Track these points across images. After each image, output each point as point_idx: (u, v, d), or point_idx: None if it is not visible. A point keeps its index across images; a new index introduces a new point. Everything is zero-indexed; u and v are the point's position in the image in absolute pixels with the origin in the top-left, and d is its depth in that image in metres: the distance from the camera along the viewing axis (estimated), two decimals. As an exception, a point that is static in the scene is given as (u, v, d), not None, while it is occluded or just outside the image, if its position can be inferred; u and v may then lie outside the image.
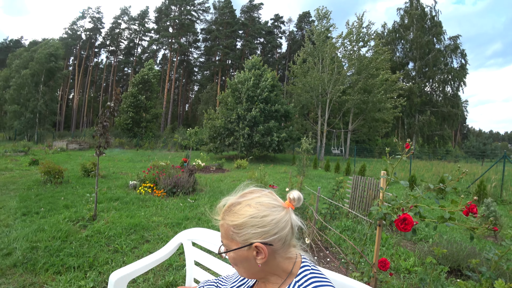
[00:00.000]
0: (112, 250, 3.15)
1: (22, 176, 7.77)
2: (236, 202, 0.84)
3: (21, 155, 13.40)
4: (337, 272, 2.85)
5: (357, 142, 31.16)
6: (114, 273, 1.44)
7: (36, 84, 26.63)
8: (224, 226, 0.82)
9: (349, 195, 5.34)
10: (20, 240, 3.15)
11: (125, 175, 9.05)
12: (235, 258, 0.82)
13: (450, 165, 16.54)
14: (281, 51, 54.25)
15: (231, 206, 0.83)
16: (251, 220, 0.78)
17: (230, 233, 0.80)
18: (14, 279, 2.41)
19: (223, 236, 0.83)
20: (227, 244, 0.83)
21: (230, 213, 0.82)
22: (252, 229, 0.78)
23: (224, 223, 0.82)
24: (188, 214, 4.83)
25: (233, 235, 0.80)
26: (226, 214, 0.83)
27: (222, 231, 0.83)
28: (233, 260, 0.83)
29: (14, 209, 4.47)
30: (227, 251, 0.83)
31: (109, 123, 3.99)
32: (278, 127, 18.06)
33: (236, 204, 0.83)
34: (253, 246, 0.78)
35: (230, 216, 0.81)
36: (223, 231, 0.83)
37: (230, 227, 0.80)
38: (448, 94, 28.47)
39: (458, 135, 59.45)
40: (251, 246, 0.78)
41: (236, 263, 0.84)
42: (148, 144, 25.33)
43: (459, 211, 1.37)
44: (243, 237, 0.78)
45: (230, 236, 0.80)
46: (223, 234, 0.83)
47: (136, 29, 53.61)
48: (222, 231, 0.84)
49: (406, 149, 1.64)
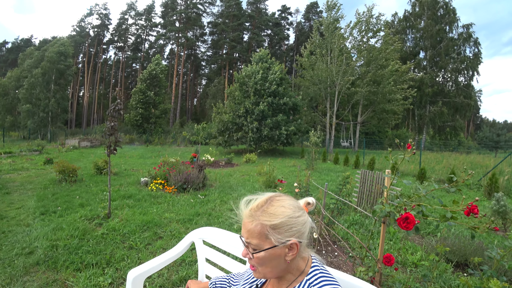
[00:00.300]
0: (127, 247, 3.28)
1: (38, 175, 8.04)
2: (268, 203, 0.88)
3: (36, 154, 13.79)
4: (344, 266, 2.92)
5: (367, 134, 30.83)
6: (131, 271, 1.55)
7: (47, 83, 27.14)
8: (257, 226, 0.84)
9: (357, 189, 5.37)
10: (40, 239, 3.32)
11: (136, 171, 9.24)
12: (264, 257, 0.84)
13: (462, 157, 16.21)
14: (288, 43, 53.66)
15: (263, 207, 0.87)
16: (288, 220, 0.84)
17: (265, 233, 0.83)
18: (38, 277, 2.56)
19: (254, 236, 0.85)
20: (257, 244, 0.84)
21: (265, 213, 0.85)
22: (287, 229, 0.84)
23: (258, 224, 0.84)
24: (199, 210, 4.94)
25: (269, 234, 0.83)
26: (260, 214, 0.86)
27: (254, 231, 0.85)
28: (261, 260, 0.85)
29: (32, 208, 4.66)
30: (260, 250, 0.84)
31: (117, 123, 4.09)
32: (286, 120, 18.01)
33: (269, 206, 0.87)
34: (289, 244, 0.83)
35: (266, 216, 0.85)
36: (256, 230, 0.84)
37: (266, 227, 0.83)
38: (461, 84, 27.70)
39: (471, 126, 58.08)
40: (286, 244, 0.83)
41: (264, 263, 0.85)
42: (157, 140, 25.64)
43: (460, 210, 1.41)
44: (279, 236, 0.83)
45: (265, 235, 0.83)
46: (255, 234, 0.84)
47: (143, 24, 53.78)
48: (252, 231, 0.85)
49: (408, 149, 1.67)
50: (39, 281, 2.49)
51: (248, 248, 0.88)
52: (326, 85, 21.93)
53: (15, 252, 2.99)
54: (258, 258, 0.85)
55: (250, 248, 0.87)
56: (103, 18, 52.47)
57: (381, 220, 1.89)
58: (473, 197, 6.94)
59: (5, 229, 3.71)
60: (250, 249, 0.87)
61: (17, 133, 30.25)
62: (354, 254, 3.19)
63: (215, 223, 4.31)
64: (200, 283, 1.47)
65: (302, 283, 0.88)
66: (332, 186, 7.41)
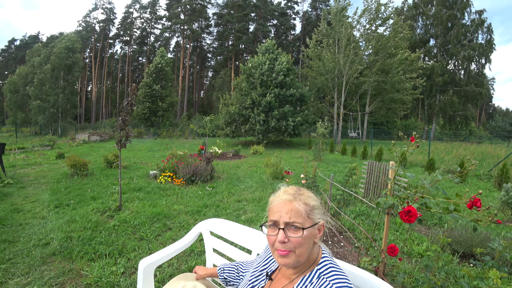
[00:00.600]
0: (138, 238, 3.39)
1: (50, 170, 8.25)
2: (299, 190, 1.00)
3: (48, 149, 14.10)
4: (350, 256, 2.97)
5: (375, 125, 30.44)
6: (142, 260, 1.63)
7: (56, 78, 27.49)
8: (301, 206, 0.94)
9: (364, 181, 5.38)
10: (55, 230, 3.45)
11: (145, 165, 9.39)
12: (306, 236, 0.92)
13: (473, 147, 15.89)
14: (295, 33, 52.91)
15: (299, 192, 0.99)
16: (318, 204, 0.99)
17: (308, 212, 0.94)
18: (54, 266, 2.68)
19: (299, 215, 0.92)
20: (302, 223, 0.92)
21: (304, 196, 0.97)
22: (319, 211, 0.98)
23: (301, 204, 0.94)
24: (207, 201, 5.03)
25: (310, 214, 0.94)
26: (301, 197, 0.97)
27: (300, 210, 0.93)
28: (303, 239, 0.91)
29: (47, 202, 4.82)
30: (306, 228, 0.92)
31: (128, 118, 4.17)
32: (293, 111, 17.91)
33: (303, 191, 1.00)
34: (320, 224, 0.97)
35: (306, 198, 0.97)
36: (301, 209, 0.93)
37: (309, 206, 0.95)
38: (472, 72, 26.93)
39: (483, 115, 56.68)
40: (319, 224, 0.96)
41: (303, 243, 0.91)
42: (165, 133, 25.86)
43: (463, 203, 1.43)
44: (316, 216, 0.96)
45: (307, 214, 0.94)
46: (299, 213, 0.93)
47: (148, 17, 53.73)
48: (299, 210, 0.93)
49: (411, 142, 1.68)
50: (56, 270, 2.61)
51: (288, 230, 0.93)
52: (333, 75, 21.64)
53: (33, 244, 3.13)
54: (301, 238, 0.91)
55: (291, 230, 0.92)
56: (108, 13, 52.59)
57: (385, 211, 1.92)
58: (482, 188, 6.88)
59: (22, 222, 3.86)
60: (292, 230, 0.92)
61: (29, 129, 30.88)
62: (360, 244, 3.23)
63: (223, 215, 4.39)
64: (207, 269, 1.54)
65: (313, 272, 0.95)
66: (339, 177, 7.42)
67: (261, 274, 1.13)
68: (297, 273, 0.99)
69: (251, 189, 6.13)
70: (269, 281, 1.08)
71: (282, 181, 6.52)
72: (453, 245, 3.07)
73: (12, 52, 56.29)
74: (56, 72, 27.22)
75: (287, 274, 1.02)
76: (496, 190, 6.47)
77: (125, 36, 53.79)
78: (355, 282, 1.15)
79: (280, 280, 1.04)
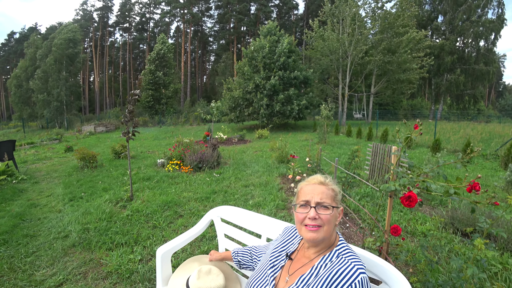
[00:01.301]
0: (151, 226, 3.54)
1: (61, 163, 8.45)
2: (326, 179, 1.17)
3: (56, 142, 14.35)
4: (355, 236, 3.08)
5: (381, 105, 30.01)
6: (160, 248, 1.75)
7: (59, 71, 27.49)
8: (330, 190, 1.13)
9: (369, 162, 5.43)
10: (73, 223, 3.62)
11: (153, 153, 9.55)
12: (332, 215, 1.08)
13: (481, 127, 15.63)
14: (298, 12, 51.57)
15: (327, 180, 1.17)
16: (339, 192, 1.18)
17: (334, 195, 1.13)
18: (76, 257, 2.85)
19: (328, 197, 1.10)
20: (330, 203, 1.09)
21: (331, 183, 1.16)
22: (339, 198, 1.16)
23: (330, 189, 1.13)
24: (215, 188, 5.16)
25: (336, 197, 1.13)
26: (329, 184, 1.15)
27: (329, 193, 1.11)
28: (331, 217, 1.08)
29: (61, 195, 5.00)
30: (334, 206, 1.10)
31: (135, 110, 4.24)
32: (298, 94, 17.77)
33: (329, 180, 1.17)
34: (340, 208, 1.15)
35: (333, 185, 1.16)
36: (330, 193, 1.12)
37: (334, 193, 1.13)
38: (482, 49, 25.93)
39: (492, 93, 55.15)
40: (340, 208, 1.14)
41: (330, 221, 1.08)
42: (170, 120, 25.96)
43: (463, 187, 1.50)
44: (339, 201, 1.14)
45: (334, 197, 1.12)
46: (329, 195, 1.11)
47: (146, 2, 52.75)
48: (327, 193, 1.11)
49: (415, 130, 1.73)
50: (77, 260, 2.77)
51: (318, 209, 1.09)
52: (338, 56, 21.22)
53: (53, 237, 3.30)
54: (330, 215, 1.08)
55: (321, 208, 1.09)
56: (105, 0, 51.69)
57: (388, 194, 1.99)
58: (489, 168, 6.88)
59: (40, 216, 4.04)
60: (322, 208, 1.09)
61: (35, 123, 31.22)
62: (365, 225, 3.33)
63: (231, 200, 4.51)
64: (221, 253, 1.65)
65: (333, 252, 1.08)
66: (344, 159, 7.48)
67: (280, 254, 1.23)
68: (317, 252, 1.11)
69: (258, 173, 6.24)
70: (289, 261, 1.18)
71: (287, 165, 6.61)
72: (456, 224, 3.16)
73: (12, 46, 56.16)
74: (58, 64, 27.20)
75: (308, 254, 1.14)
76: (502, 170, 6.47)
77: (125, 23, 53.08)
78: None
79: (300, 259, 1.15)
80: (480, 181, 5.47)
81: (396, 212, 3.78)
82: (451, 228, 3.20)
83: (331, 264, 1.03)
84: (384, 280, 1.18)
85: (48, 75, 26.99)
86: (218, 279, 1.46)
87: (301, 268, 1.10)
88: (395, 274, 1.14)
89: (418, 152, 9.10)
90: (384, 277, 1.18)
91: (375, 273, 1.21)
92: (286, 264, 1.18)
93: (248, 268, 1.53)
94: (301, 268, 1.10)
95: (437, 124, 13.75)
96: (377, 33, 20.83)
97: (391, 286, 1.14)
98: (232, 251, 1.59)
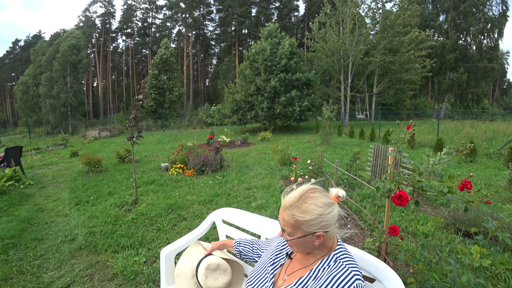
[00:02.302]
0: (155, 229, 3.61)
1: (66, 168, 8.58)
2: (302, 200, 1.05)
3: (61, 148, 14.54)
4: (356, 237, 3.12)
5: (383, 105, 29.89)
6: (163, 249, 1.81)
7: (64, 77, 27.83)
8: (291, 220, 1.03)
9: (371, 164, 5.46)
10: (79, 226, 3.70)
11: (156, 157, 9.64)
12: (296, 242, 1.06)
13: (485, 125, 15.43)
14: (298, 14, 51.69)
15: (297, 203, 1.04)
16: (318, 217, 1.02)
17: (298, 225, 1.02)
18: (82, 260, 2.93)
19: (288, 225, 1.04)
20: (291, 232, 1.05)
21: (300, 210, 1.02)
22: (317, 223, 1.02)
23: (293, 217, 1.02)
24: (218, 191, 5.22)
25: (301, 226, 1.02)
26: (295, 209, 1.03)
27: (289, 222, 1.04)
28: (294, 243, 1.07)
29: (67, 200, 5.10)
30: (293, 238, 1.05)
31: (139, 115, 4.32)
32: (300, 96, 17.81)
33: (303, 202, 1.04)
34: (316, 234, 1.03)
35: (299, 212, 1.02)
36: (291, 222, 1.03)
37: (300, 221, 1.02)
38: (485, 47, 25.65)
39: (496, 91, 54.56)
40: (314, 234, 1.03)
41: (296, 244, 1.07)
42: (173, 124, 26.11)
43: (455, 186, 1.54)
44: (309, 228, 1.02)
45: (298, 227, 1.02)
46: (289, 224, 1.04)
47: (147, 7, 53.23)
48: (288, 222, 1.04)
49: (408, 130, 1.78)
50: (84, 263, 2.85)
51: (284, 232, 1.09)
52: (339, 57, 21.22)
53: (60, 240, 3.39)
54: (292, 242, 1.07)
55: (285, 233, 1.08)
56: (107, 6, 52.25)
57: (386, 195, 2.04)
58: (492, 167, 6.86)
59: (48, 220, 4.13)
60: (285, 233, 1.08)
61: (40, 129, 31.55)
62: (366, 226, 3.37)
63: (233, 203, 4.57)
64: (222, 240, 1.69)
65: (330, 256, 1.09)
66: (346, 160, 7.49)
67: (281, 252, 1.28)
68: (314, 257, 1.13)
69: (260, 176, 6.29)
70: (288, 260, 1.23)
71: (290, 167, 6.65)
72: (457, 224, 3.18)
73: (17, 53, 56.93)
74: (62, 70, 27.54)
75: (306, 258, 1.16)
76: (505, 169, 6.44)
77: (127, 29, 53.57)
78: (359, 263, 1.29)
79: (299, 259, 1.18)
80: (483, 181, 5.48)
81: (397, 213, 3.80)
82: (453, 228, 3.23)
83: (328, 269, 1.05)
84: (378, 278, 1.23)
85: (54, 81, 27.32)
86: (225, 274, 1.51)
87: (299, 270, 1.14)
88: (388, 272, 1.19)
89: (421, 151, 9.10)
90: (378, 275, 1.23)
91: (369, 272, 1.26)
92: (285, 263, 1.22)
93: (249, 259, 1.57)
94: (299, 270, 1.14)
95: (441, 123, 13.65)
96: (377, 32, 20.83)
97: (384, 283, 1.19)
98: (235, 241, 1.63)
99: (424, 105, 32.18)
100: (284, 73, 17.34)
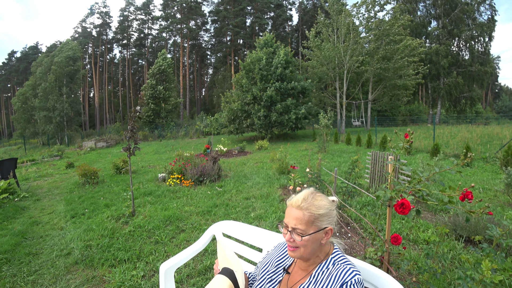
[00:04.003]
0: (153, 242, 3.54)
1: (62, 180, 8.47)
2: (312, 197, 1.12)
3: (57, 159, 14.40)
4: (357, 246, 3.08)
5: (379, 112, 30.16)
6: (163, 264, 1.77)
7: (60, 88, 27.80)
8: (308, 213, 1.08)
9: (369, 171, 5.45)
10: (75, 240, 3.62)
11: (153, 168, 9.57)
12: (309, 239, 1.07)
13: (479, 129, 15.65)
14: (292, 24, 52.46)
15: (309, 200, 1.11)
16: (329, 212, 1.12)
17: (312, 220, 1.08)
18: (78, 275, 2.85)
19: (302, 222, 1.07)
20: (305, 229, 1.07)
21: (314, 205, 1.10)
22: (328, 218, 1.11)
23: (309, 211, 1.08)
24: (216, 201, 5.16)
25: (315, 221, 1.08)
26: (308, 206, 1.09)
27: (303, 218, 1.07)
28: (306, 242, 1.07)
29: (63, 212, 5.00)
30: (306, 235, 1.07)
31: (136, 126, 4.30)
32: (296, 104, 17.90)
33: (313, 199, 1.11)
34: (327, 229, 1.10)
35: (315, 207, 1.09)
36: (306, 217, 1.07)
37: (315, 214, 1.08)
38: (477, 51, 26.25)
39: (489, 95, 55.41)
40: (325, 229, 1.10)
41: (307, 244, 1.08)
42: (170, 134, 26.04)
43: (456, 196, 1.53)
44: (322, 223, 1.09)
45: (312, 222, 1.08)
46: (303, 220, 1.07)
47: (143, 19, 53.71)
48: (302, 218, 1.08)
49: (405, 139, 1.78)
50: (80, 278, 2.78)
51: (293, 234, 1.09)
52: (334, 65, 21.47)
53: (55, 254, 3.30)
54: (304, 240, 1.07)
55: (295, 234, 1.09)
56: (104, 17, 52.66)
57: (387, 204, 2.02)
58: (489, 171, 6.89)
59: (42, 234, 4.04)
60: (295, 234, 1.08)
61: (36, 140, 31.31)
62: (366, 234, 3.33)
63: (232, 213, 4.52)
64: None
65: (328, 260, 1.12)
66: (344, 168, 7.50)
67: (277, 268, 1.26)
68: (313, 264, 1.15)
69: (259, 185, 6.25)
70: (286, 275, 1.22)
71: (288, 176, 6.63)
72: (458, 231, 3.16)
73: (13, 65, 56.92)
74: (58, 81, 27.52)
75: (304, 266, 1.17)
76: (502, 173, 6.49)
77: (123, 40, 53.88)
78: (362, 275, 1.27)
79: (297, 272, 1.19)
80: (481, 185, 5.48)
81: (398, 220, 3.78)
82: (453, 235, 3.21)
83: (328, 271, 1.08)
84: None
85: (49, 92, 27.25)
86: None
87: (299, 280, 1.15)
88: (393, 284, 1.16)
89: (418, 157, 9.12)
90: (382, 287, 1.20)
91: (373, 284, 1.23)
92: (284, 278, 1.21)
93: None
94: (299, 280, 1.15)
95: (436, 128, 13.77)
96: (371, 40, 21.15)
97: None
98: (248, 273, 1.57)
99: (418, 111, 32.49)
100: (280, 82, 17.47)
